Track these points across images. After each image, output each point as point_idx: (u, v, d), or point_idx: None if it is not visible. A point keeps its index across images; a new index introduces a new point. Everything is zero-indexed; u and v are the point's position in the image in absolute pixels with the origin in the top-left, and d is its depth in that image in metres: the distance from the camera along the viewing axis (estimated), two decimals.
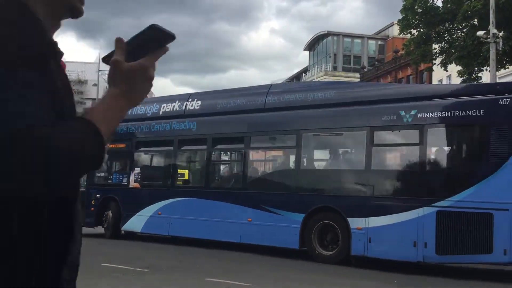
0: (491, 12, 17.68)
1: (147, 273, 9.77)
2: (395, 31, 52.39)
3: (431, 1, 20.72)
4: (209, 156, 14.59)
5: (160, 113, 15.47)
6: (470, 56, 20.17)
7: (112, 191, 15.74)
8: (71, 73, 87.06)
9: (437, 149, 11.45)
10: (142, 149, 16.11)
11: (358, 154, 12.26)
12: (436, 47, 22.13)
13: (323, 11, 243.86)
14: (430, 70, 27.38)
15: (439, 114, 10.67)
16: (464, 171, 10.71)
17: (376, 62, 51.18)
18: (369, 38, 59.89)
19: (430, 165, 11.37)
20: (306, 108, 12.58)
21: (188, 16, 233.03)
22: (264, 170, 14.64)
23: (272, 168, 14.69)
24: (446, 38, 21.24)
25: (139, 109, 15.19)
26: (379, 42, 59.18)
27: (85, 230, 20.34)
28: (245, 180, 13.74)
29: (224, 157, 15.72)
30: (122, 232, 15.73)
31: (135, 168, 15.60)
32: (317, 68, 58.70)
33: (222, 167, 15.84)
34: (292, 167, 13.33)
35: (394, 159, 12.51)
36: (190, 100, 15.14)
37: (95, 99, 48.87)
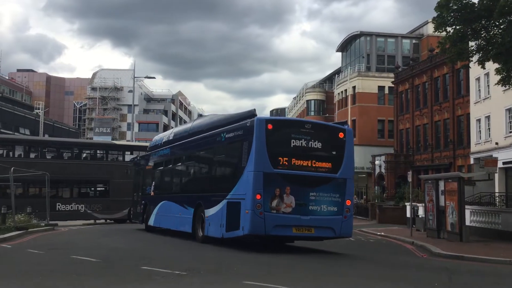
0: None
1: (186, 276, 9.91)
2: (429, 29, 51.57)
3: None
4: (171, 171, 21.23)
5: (161, 143, 23.13)
6: (509, 53, 19.67)
7: (147, 199, 23.08)
8: (108, 80, 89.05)
9: (222, 163, 17.11)
10: (153, 168, 23.05)
11: (202, 170, 18.65)
12: (472, 44, 21.66)
13: (355, 11, 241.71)
14: (467, 68, 26.84)
15: (217, 139, 16.70)
16: (234, 175, 15.17)
17: (410, 62, 50.39)
18: (403, 37, 59.05)
19: (222, 173, 16.96)
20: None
21: (220, 21, 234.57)
22: (182, 180, 20.43)
23: (184, 178, 20.22)
24: (482, 35, 20.74)
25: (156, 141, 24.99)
26: (414, 41, 58.30)
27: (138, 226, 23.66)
28: (178, 187, 20.34)
29: (175, 172, 21.06)
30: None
31: (152, 182, 22.79)
32: (350, 69, 58.24)
33: (174, 178, 21.32)
34: (189, 178, 19.54)
35: (208, 171, 18.02)
36: (169, 133, 23.36)
37: (130, 105, 49.78)
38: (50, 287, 8.60)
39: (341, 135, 15.05)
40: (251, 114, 15.76)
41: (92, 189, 32.88)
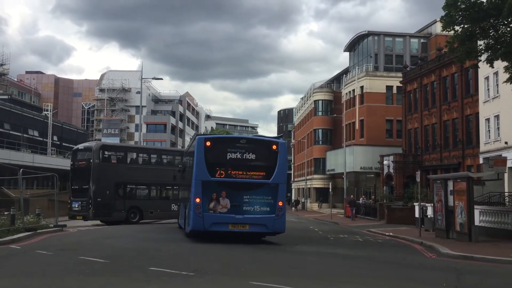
0: None
1: (193, 276, 9.92)
2: (438, 28, 51.37)
3: None
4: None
5: None
6: None
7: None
8: (115, 82, 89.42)
9: (187, 173, 20.23)
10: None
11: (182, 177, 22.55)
12: (481, 43, 21.52)
13: (362, 11, 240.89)
14: (476, 67, 26.66)
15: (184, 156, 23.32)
16: (189, 184, 17.96)
17: (419, 61, 50.19)
18: (411, 36, 58.80)
19: (187, 181, 19.32)
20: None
21: (227, 22, 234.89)
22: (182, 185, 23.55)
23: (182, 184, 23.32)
24: (491, 34, 20.59)
25: None
26: (422, 40, 58.04)
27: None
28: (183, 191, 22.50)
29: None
30: None
31: None
32: (358, 68, 58.06)
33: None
34: (184, 183, 21.87)
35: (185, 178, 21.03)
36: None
37: (138, 106, 49.84)
38: (60, 287, 8.64)
39: (274, 147, 17.55)
40: (195, 134, 19.93)
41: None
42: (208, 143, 17.17)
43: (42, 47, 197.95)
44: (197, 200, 16.68)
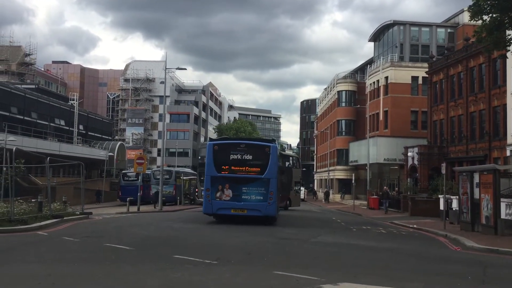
0: None
1: (217, 265, 10.02)
2: (465, 18, 50.38)
3: None
4: None
5: None
6: None
7: None
8: (140, 72, 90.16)
9: None
10: None
11: None
12: (510, 33, 21.05)
13: (387, 0, 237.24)
14: (504, 57, 26.10)
15: None
16: None
17: (445, 51, 49.27)
18: (438, 26, 57.73)
19: None
20: None
21: (251, 12, 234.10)
22: None
23: None
24: None
25: None
26: (449, 30, 56.96)
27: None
28: None
29: None
30: None
31: None
32: (383, 59, 57.31)
33: None
34: None
35: None
36: None
37: (162, 96, 50.25)
38: (86, 273, 8.82)
39: (266, 149, 21.56)
40: (209, 140, 25.08)
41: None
42: (215, 147, 21.80)
43: (68, 37, 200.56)
44: (208, 190, 21.48)
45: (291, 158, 47.39)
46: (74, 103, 63.86)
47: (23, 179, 35.60)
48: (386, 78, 54.81)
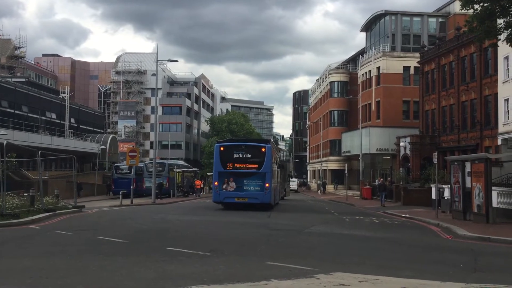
0: None
1: (210, 257, 10.03)
2: (456, 7, 50.34)
3: None
4: None
5: None
6: None
7: None
8: (131, 64, 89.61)
9: None
10: None
11: None
12: (501, 22, 21.08)
13: None
14: (495, 46, 26.16)
15: None
16: None
17: (437, 41, 49.29)
18: (429, 15, 57.74)
19: None
20: None
21: (242, 3, 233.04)
22: None
23: None
24: (511, 12, 20.17)
25: None
26: (440, 20, 56.97)
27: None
28: None
29: None
30: None
31: None
32: (375, 49, 57.31)
33: None
34: None
35: None
36: None
37: (154, 88, 49.92)
38: (80, 266, 8.80)
39: (263, 149, 26.34)
40: (216, 142, 29.49)
41: None
42: (222, 148, 26.57)
43: (59, 30, 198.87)
44: (216, 183, 26.25)
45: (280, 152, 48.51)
46: (65, 96, 63.44)
47: (14, 173, 35.42)
48: (378, 68, 54.85)
